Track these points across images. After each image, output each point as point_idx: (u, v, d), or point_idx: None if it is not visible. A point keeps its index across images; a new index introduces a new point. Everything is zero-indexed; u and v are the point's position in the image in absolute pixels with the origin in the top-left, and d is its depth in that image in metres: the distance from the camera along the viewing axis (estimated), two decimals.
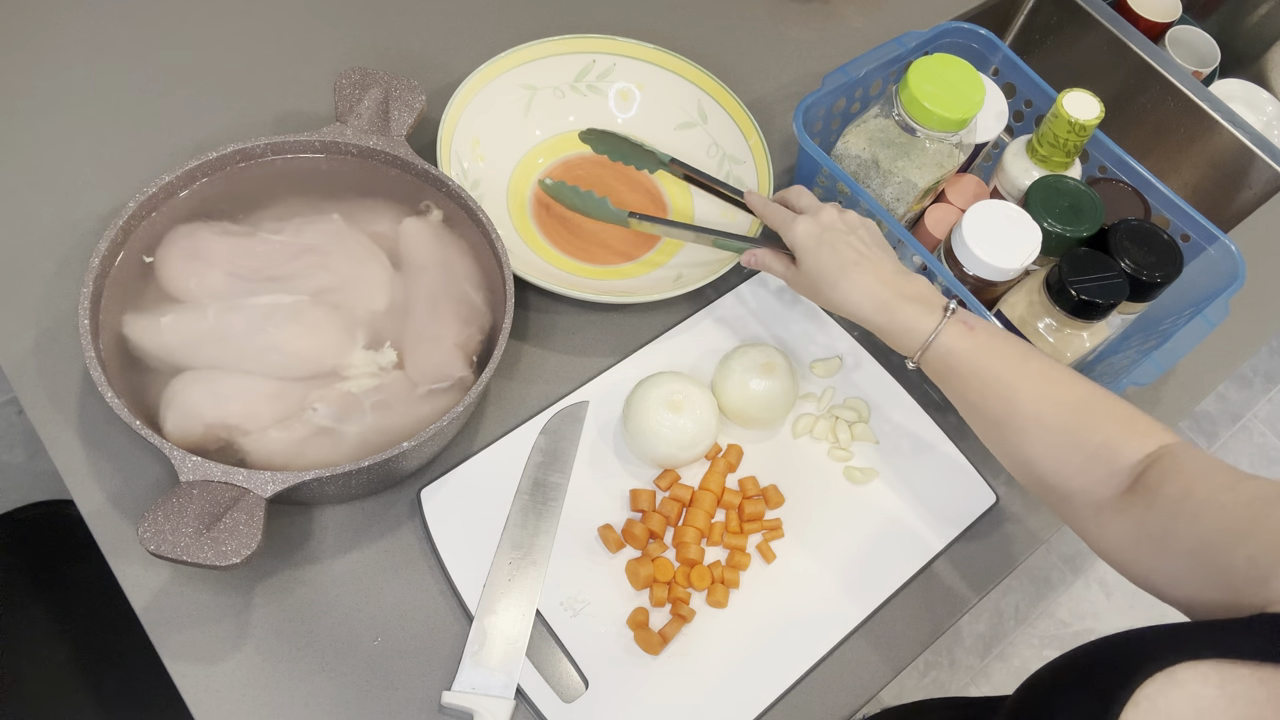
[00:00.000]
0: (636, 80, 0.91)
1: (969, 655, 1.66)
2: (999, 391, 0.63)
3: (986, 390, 0.63)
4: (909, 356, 0.66)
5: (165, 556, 0.57)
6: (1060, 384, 0.62)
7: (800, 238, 0.69)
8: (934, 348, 0.64)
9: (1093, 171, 0.85)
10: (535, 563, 0.68)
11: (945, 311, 0.65)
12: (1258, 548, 0.47)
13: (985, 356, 0.63)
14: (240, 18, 0.93)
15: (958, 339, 0.64)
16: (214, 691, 0.63)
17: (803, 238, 0.69)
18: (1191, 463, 0.55)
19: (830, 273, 0.67)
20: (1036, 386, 0.62)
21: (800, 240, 0.69)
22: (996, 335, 0.64)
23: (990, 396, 0.63)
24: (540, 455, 0.73)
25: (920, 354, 0.65)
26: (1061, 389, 0.61)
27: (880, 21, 1.07)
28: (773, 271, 0.74)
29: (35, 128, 0.83)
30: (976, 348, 0.64)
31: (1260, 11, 1.19)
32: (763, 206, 0.76)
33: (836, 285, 0.67)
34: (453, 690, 0.63)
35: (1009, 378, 0.62)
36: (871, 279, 0.66)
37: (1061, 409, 0.61)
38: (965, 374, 0.64)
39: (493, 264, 0.73)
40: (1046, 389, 0.62)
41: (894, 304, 0.65)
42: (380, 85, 0.78)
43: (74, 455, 0.69)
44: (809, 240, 0.69)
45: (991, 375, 0.63)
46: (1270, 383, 2.01)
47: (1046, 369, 0.63)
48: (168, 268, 0.70)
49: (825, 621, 0.70)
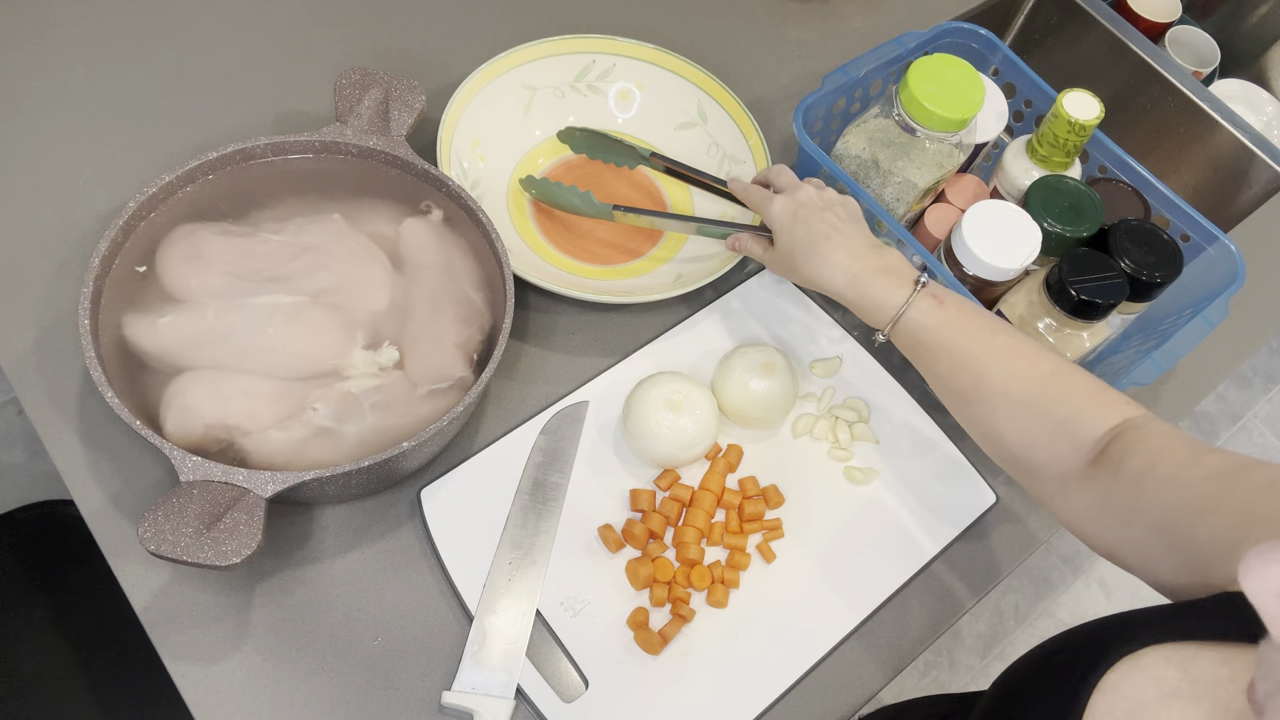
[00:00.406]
0: (636, 80, 0.91)
1: (969, 655, 1.66)
2: (966, 365, 0.63)
3: (954, 364, 0.64)
4: (879, 329, 0.67)
5: (165, 556, 0.57)
6: (1027, 358, 0.62)
7: (776, 215, 0.71)
8: (903, 321, 0.65)
9: (1093, 171, 0.85)
10: (535, 563, 0.68)
11: (916, 285, 0.66)
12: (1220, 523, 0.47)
13: (953, 331, 0.64)
14: (240, 18, 0.93)
15: (927, 313, 0.65)
16: (214, 691, 0.63)
17: (778, 215, 0.71)
18: (1156, 436, 0.56)
19: (803, 247, 0.69)
20: (1004, 361, 0.62)
21: (776, 217, 0.71)
22: (966, 309, 0.65)
23: (958, 370, 0.64)
24: (540, 455, 0.73)
25: (890, 327, 0.66)
26: (1028, 363, 0.62)
27: (880, 21, 1.07)
28: (752, 254, 0.76)
29: (35, 128, 0.83)
30: (945, 322, 0.64)
31: (1260, 11, 1.19)
32: (743, 190, 0.77)
33: (810, 260, 0.69)
34: (453, 690, 0.63)
35: (976, 352, 0.63)
36: (844, 253, 0.67)
37: (1028, 383, 0.61)
38: (933, 348, 0.65)
39: (493, 264, 0.73)
40: (1013, 364, 0.62)
41: (865, 277, 0.66)
42: (380, 85, 0.78)
43: (74, 455, 0.69)
44: (784, 217, 0.70)
45: (959, 349, 0.64)
46: (1270, 383, 2.01)
47: (1014, 343, 0.63)
48: (168, 268, 0.70)
49: (825, 621, 0.70)
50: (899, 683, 0.71)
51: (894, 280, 0.66)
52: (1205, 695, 0.39)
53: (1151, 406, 0.85)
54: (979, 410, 0.63)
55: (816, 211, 0.70)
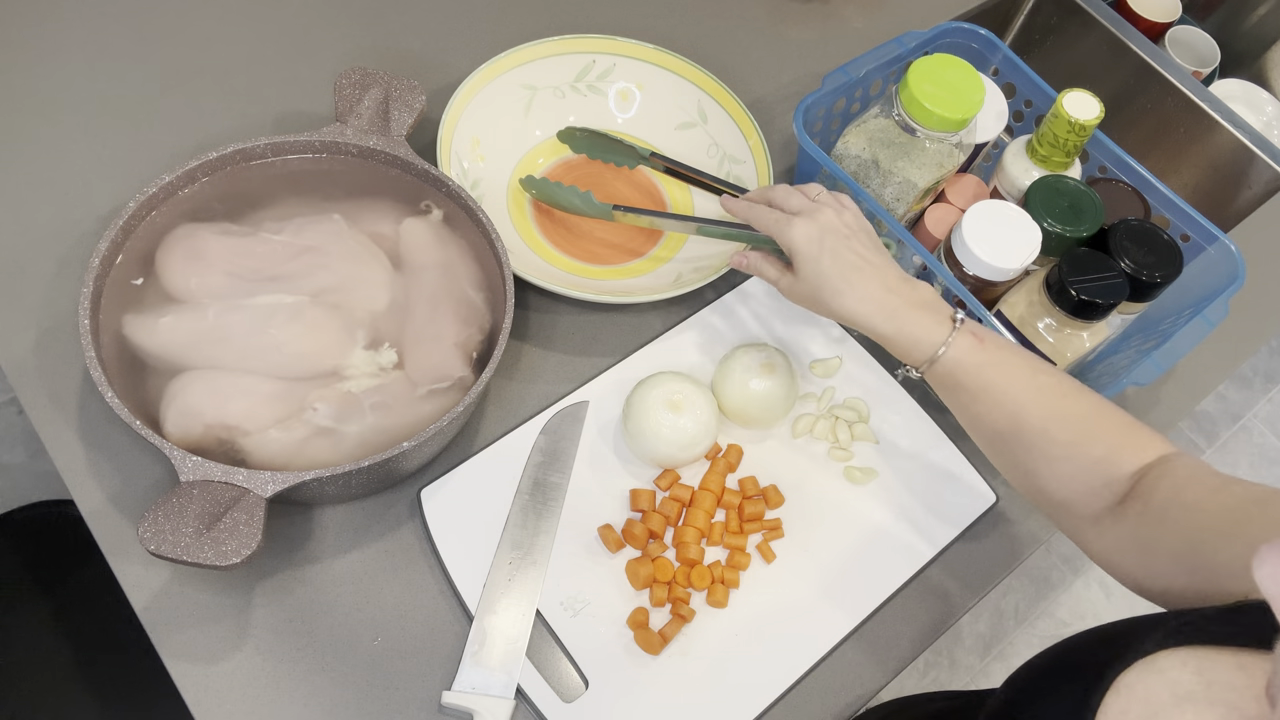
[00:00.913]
0: (636, 80, 0.91)
1: (969, 655, 1.66)
2: (1006, 406, 0.61)
3: (995, 405, 0.62)
4: (914, 366, 0.64)
5: (165, 556, 0.57)
6: (1067, 398, 0.61)
7: (800, 242, 0.66)
8: (943, 360, 0.63)
9: (1093, 171, 0.85)
10: (535, 563, 0.68)
11: (954, 322, 0.63)
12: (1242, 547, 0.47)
13: (995, 371, 0.62)
14: (240, 18, 0.93)
15: (968, 352, 0.62)
16: (214, 691, 0.63)
17: (803, 242, 0.65)
18: (1183, 469, 0.56)
19: (833, 279, 0.65)
20: (1045, 401, 0.61)
21: (800, 245, 0.66)
22: (1005, 348, 0.63)
23: (997, 411, 0.62)
24: (540, 455, 0.73)
25: (928, 365, 0.63)
26: (1068, 403, 0.61)
27: (880, 21, 1.07)
28: (765, 277, 0.71)
29: (35, 128, 0.83)
30: (987, 362, 0.62)
31: (1260, 11, 1.19)
32: (746, 210, 0.71)
33: (840, 293, 0.64)
34: (453, 690, 0.63)
35: (1017, 392, 0.61)
36: (877, 286, 0.64)
37: (1068, 422, 0.60)
38: (973, 388, 0.62)
39: (493, 264, 0.73)
40: (1054, 403, 0.61)
41: (901, 312, 0.63)
42: (380, 85, 0.78)
43: (74, 455, 0.69)
44: (810, 245, 0.65)
45: (1000, 390, 0.62)
46: (1270, 383, 2.01)
47: (1054, 382, 0.62)
48: (168, 268, 0.70)
49: (825, 621, 0.70)
50: (899, 683, 0.71)
51: (932, 316, 0.63)
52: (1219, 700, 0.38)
53: (1152, 407, 0.86)
54: (1016, 451, 0.62)
55: (843, 240, 0.65)
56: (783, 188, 0.71)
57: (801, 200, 0.69)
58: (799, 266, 0.66)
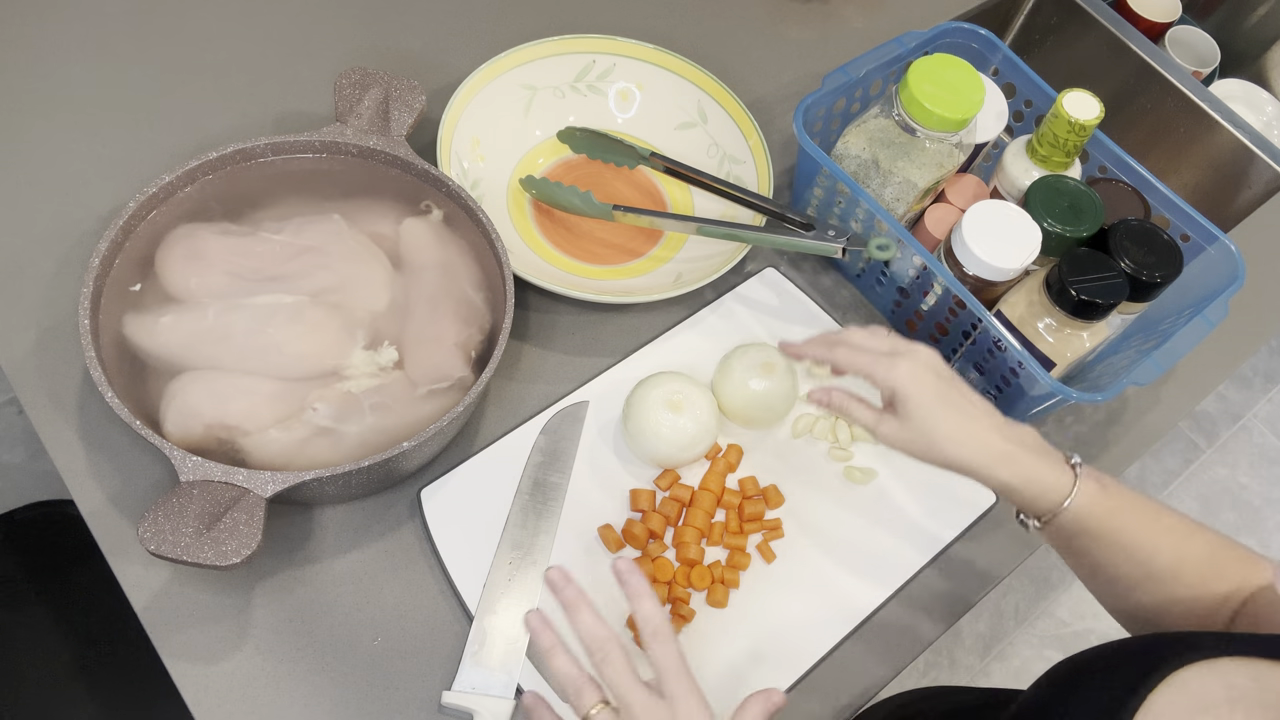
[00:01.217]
0: (636, 80, 0.91)
1: (969, 655, 1.66)
2: (1136, 553, 0.59)
3: (1123, 550, 0.59)
4: (1037, 516, 0.60)
5: (165, 556, 0.57)
6: (1192, 537, 0.59)
7: (908, 384, 0.60)
8: (1070, 509, 0.59)
9: (1093, 171, 0.85)
10: (535, 563, 0.68)
11: (1074, 467, 0.60)
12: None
13: (1124, 517, 0.59)
14: (240, 17, 0.93)
15: (1095, 499, 0.59)
16: (214, 691, 0.63)
17: (911, 384, 0.60)
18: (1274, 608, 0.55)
19: (947, 425, 0.60)
20: (1174, 543, 0.59)
21: (909, 387, 0.60)
22: (1125, 491, 0.60)
23: (1124, 556, 0.59)
24: (540, 455, 0.73)
25: (1053, 515, 0.59)
26: (1194, 543, 0.59)
27: (880, 21, 1.07)
28: (860, 421, 0.64)
29: (35, 128, 0.83)
30: (1115, 509, 0.59)
31: (1260, 11, 1.19)
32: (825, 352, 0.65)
33: (958, 441, 0.60)
34: (453, 690, 0.63)
35: (1147, 538, 0.59)
36: (994, 433, 0.60)
37: (1197, 564, 0.58)
38: (1102, 535, 0.59)
39: (493, 264, 0.73)
40: (1182, 545, 0.59)
41: (1022, 460, 0.59)
42: (380, 85, 0.78)
43: (74, 455, 0.69)
44: (920, 388, 0.60)
45: (1130, 535, 0.59)
46: (1270, 383, 2.01)
47: (1178, 522, 0.60)
48: (168, 268, 0.70)
49: (825, 621, 0.70)
50: (899, 683, 0.70)
51: (1050, 463, 0.59)
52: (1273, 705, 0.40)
53: (1152, 407, 0.86)
54: (1141, 594, 0.59)
55: (950, 384, 0.62)
56: (857, 331, 0.66)
57: (894, 341, 0.64)
58: (907, 411, 0.61)
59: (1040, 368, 0.70)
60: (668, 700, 0.51)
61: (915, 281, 0.79)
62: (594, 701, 0.53)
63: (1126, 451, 0.83)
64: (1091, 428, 0.84)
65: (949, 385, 0.61)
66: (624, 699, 0.52)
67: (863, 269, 0.85)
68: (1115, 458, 0.83)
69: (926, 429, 0.60)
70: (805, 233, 0.78)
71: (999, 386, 0.77)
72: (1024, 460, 0.59)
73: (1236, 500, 1.85)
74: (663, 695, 0.52)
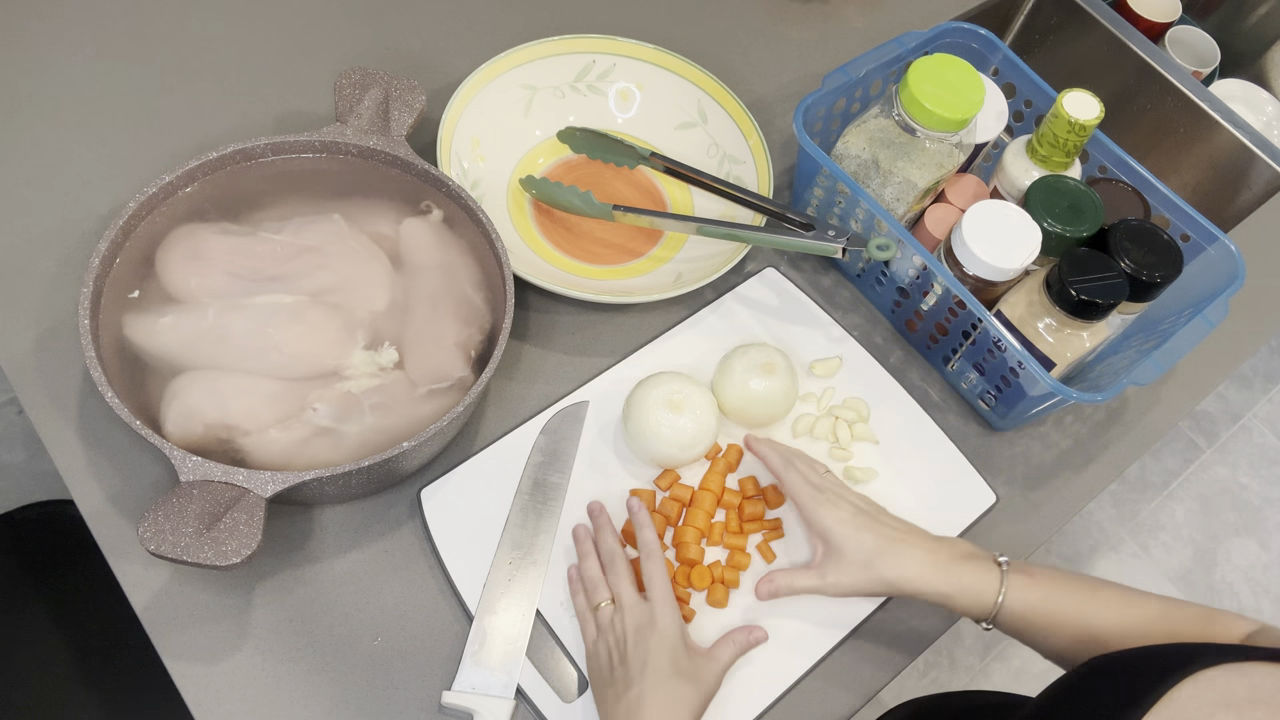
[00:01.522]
0: (636, 80, 0.91)
1: (969, 655, 1.66)
2: (1079, 634, 0.61)
3: (1067, 633, 0.62)
4: (981, 619, 0.63)
5: (165, 556, 0.57)
6: (1135, 604, 0.61)
7: (833, 524, 0.65)
8: (1006, 606, 0.62)
9: (1093, 171, 0.85)
10: (535, 563, 0.68)
11: (999, 565, 0.63)
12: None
13: (1057, 601, 0.62)
14: (240, 18, 0.93)
15: (1025, 590, 0.62)
16: (214, 691, 0.63)
17: (836, 524, 0.65)
18: None
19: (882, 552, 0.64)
20: (1115, 613, 0.61)
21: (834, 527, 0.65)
22: (1054, 575, 0.63)
23: (1071, 638, 0.61)
24: (540, 455, 0.73)
25: (993, 614, 0.62)
26: (1137, 610, 0.61)
27: (880, 21, 1.07)
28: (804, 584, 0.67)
29: (35, 128, 0.83)
30: (1047, 596, 0.62)
31: (1260, 11, 1.19)
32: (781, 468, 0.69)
33: (895, 562, 0.63)
34: (453, 690, 0.63)
35: (1086, 616, 0.61)
36: (922, 550, 0.64)
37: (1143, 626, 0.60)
38: (1043, 624, 0.62)
39: (493, 264, 0.73)
40: (1125, 613, 0.61)
41: (954, 568, 0.63)
42: (380, 85, 0.78)
43: (74, 455, 0.69)
44: (846, 526, 0.65)
45: (1068, 619, 0.61)
46: (1270, 383, 2.01)
47: (1117, 593, 0.62)
48: (168, 268, 0.70)
49: (825, 622, 0.70)
50: (899, 683, 0.70)
51: (979, 565, 0.63)
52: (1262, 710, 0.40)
53: (1152, 407, 0.86)
54: None
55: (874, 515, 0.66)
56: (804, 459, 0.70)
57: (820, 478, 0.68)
58: (841, 550, 0.65)
59: (1040, 368, 0.70)
60: (651, 604, 0.64)
61: (915, 281, 0.79)
62: (605, 597, 0.65)
63: (1126, 451, 0.83)
64: (1091, 428, 0.84)
65: (871, 517, 0.66)
66: (621, 597, 0.65)
67: (863, 269, 0.85)
68: (1115, 458, 0.83)
69: (862, 559, 0.64)
70: (805, 233, 0.78)
71: (999, 386, 0.77)
72: (955, 568, 0.63)
73: (1236, 500, 1.85)
74: (648, 600, 0.64)
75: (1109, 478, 0.82)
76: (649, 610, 0.63)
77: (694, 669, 0.62)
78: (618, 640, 0.63)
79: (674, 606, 0.64)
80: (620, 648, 0.62)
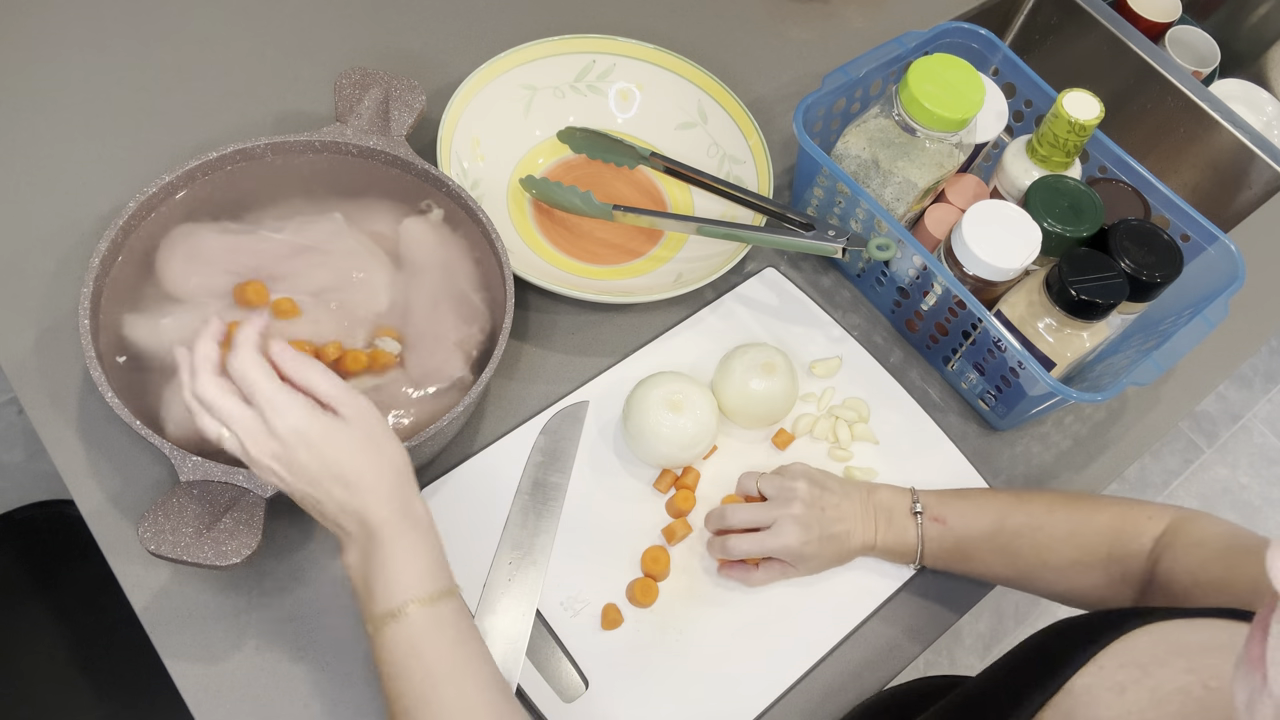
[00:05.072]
0: (636, 80, 0.91)
1: (969, 655, 1.66)
2: (1000, 559, 0.66)
3: (988, 562, 0.66)
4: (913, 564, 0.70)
5: (165, 556, 0.57)
6: (1044, 528, 0.64)
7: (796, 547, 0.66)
8: (926, 553, 0.68)
9: (1093, 171, 0.85)
10: (535, 563, 0.68)
11: (916, 517, 0.68)
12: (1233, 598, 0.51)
13: (970, 541, 0.66)
14: (240, 17, 0.93)
15: (940, 539, 0.67)
16: (214, 691, 0.63)
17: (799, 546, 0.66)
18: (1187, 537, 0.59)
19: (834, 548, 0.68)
20: (1030, 540, 0.65)
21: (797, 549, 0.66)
22: (967, 513, 0.67)
23: (998, 565, 0.66)
24: (540, 455, 0.73)
25: (919, 560, 0.69)
26: (1050, 530, 0.64)
27: (880, 21, 1.07)
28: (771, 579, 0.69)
29: (35, 128, 0.83)
30: (960, 538, 0.67)
31: (1260, 11, 1.19)
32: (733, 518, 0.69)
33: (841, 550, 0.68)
34: None
35: (1001, 544, 0.65)
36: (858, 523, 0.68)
37: (1061, 544, 0.64)
38: (967, 556, 0.67)
39: (493, 264, 0.73)
40: (1038, 537, 0.64)
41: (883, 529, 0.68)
42: (380, 85, 0.78)
43: (74, 455, 0.69)
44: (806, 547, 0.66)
45: (985, 550, 0.66)
46: (1270, 383, 2.01)
47: (1026, 518, 0.65)
48: (168, 268, 0.70)
49: (825, 621, 0.70)
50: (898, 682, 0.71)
51: (902, 523, 0.68)
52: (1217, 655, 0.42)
53: (1152, 407, 0.86)
54: (1036, 585, 0.66)
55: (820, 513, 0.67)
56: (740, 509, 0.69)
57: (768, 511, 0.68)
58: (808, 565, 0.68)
59: (1040, 368, 0.70)
60: (347, 420, 0.51)
61: (915, 281, 0.79)
62: (269, 450, 0.51)
63: (1126, 451, 0.83)
64: (1091, 428, 0.84)
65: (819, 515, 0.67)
66: (298, 426, 0.50)
67: (863, 269, 0.85)
68: (1115, 458, 0.83)
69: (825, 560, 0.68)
70: (805, 233, 0.78)
71: (999, 386, 0.77)
72: (879, 541, 0.68)
73: (1236, 500, 1.85)
74: (340, 415, 0.51)
75: (1109, 478, 0.82)
76: (348, 431, 0.51)
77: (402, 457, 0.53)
78: (285, 456, 0.50)
79: (300, 402, 0.50)
80: (301, 470, 0.50)
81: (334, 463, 0.50)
